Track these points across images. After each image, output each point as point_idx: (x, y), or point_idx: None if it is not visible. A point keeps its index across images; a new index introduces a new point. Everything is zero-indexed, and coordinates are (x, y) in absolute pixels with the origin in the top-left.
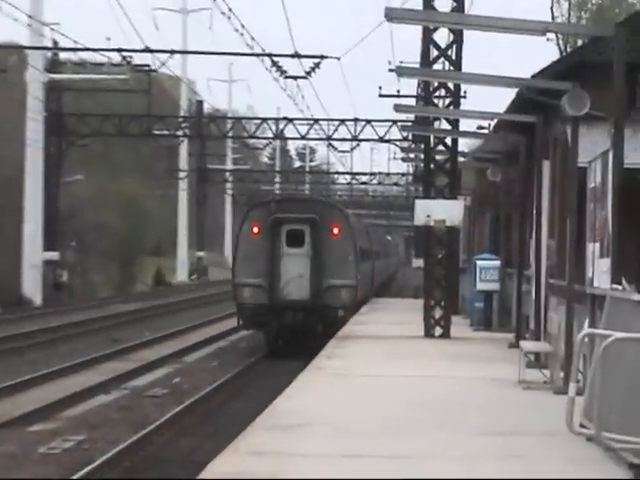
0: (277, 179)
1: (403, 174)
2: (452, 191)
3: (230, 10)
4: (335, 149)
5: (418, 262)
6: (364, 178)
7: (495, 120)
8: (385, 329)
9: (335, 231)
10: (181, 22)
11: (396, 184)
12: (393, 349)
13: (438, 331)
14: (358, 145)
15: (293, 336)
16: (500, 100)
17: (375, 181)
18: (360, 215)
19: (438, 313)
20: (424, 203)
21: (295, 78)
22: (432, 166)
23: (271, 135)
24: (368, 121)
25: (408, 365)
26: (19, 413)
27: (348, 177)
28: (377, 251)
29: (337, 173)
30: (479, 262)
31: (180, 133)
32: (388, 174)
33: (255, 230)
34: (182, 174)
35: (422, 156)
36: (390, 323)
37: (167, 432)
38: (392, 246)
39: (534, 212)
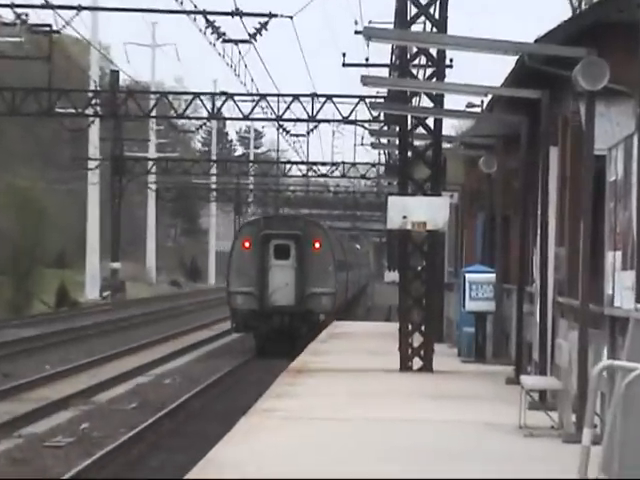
0: (213, 170)
1: (373, 164)
2: (435, 186)
3: None
4: (287, 132)
5: (391, 275)
6: (324, 169)
7: (489, 96)
8: (350, 360)
9: (317, 245)
10: None
11: (364, 177)
12: (360, 386)
13: (417, 363)
14: (316, 127)
15: (280, 337)
16: (495, 72)
17: (337, 173)
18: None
19: (417, 340)
20: (400, 201)
21: (236, 42)
22: (410, 154)
23: (206, 114)
24: (329, 97)
25: (379, 406)
26: None
27: (304, 168)
28: (350, 262)
29: (290, 163)
30: (469, 276)
31: (90, 112)
32: (354, 164)
33: (246, 245)
34: (92, 164)
35: (397, 141)
36: (357, 353)
37: None
38: (361, 256)
39: (538, 212)
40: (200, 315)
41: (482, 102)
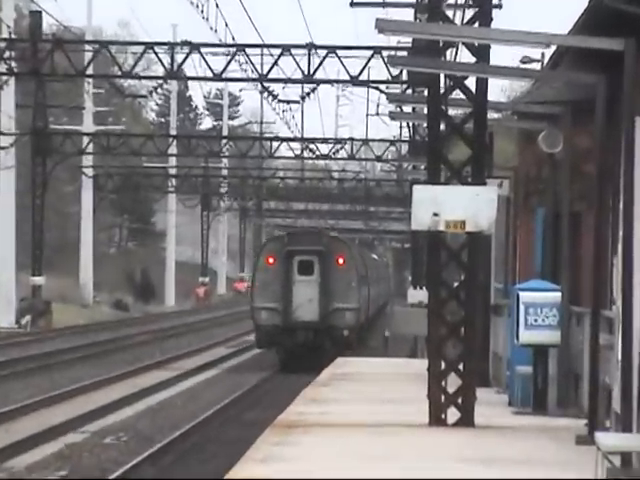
0: (173, 149)
1: (392, 142)
2: (478, 171)
3: None
4: (274, 97)
5: (417, 295)
6: (324, 148)
7: (553, 48)
8: (360, 412)
9: (340, 261)
10: None
11: (380, 159)
12: (373, 447)
13: (453, 415)
14: (314, 91)
15: (304, 353)
16: (562, 14)
17: (343, 153)
18: (319, 213)
19: (453, 384)
20: (429, 193)
21: None
22: (443, 127)
23: (162, 73)
24: (331, 49)
25: (402, 475)
26: None
27: (297, 146)
28: (370, 277)
29: (278, 140)
30: (525, 295)
31: (1, 68)
32: (366, 142)
33: (270, 260)
34: (5, 140)
35: (425, 110)
36: (369, 401)
37: None
38: (379, 269)
39: (620, 207)
40: (153, 348)
41: (543, 56)
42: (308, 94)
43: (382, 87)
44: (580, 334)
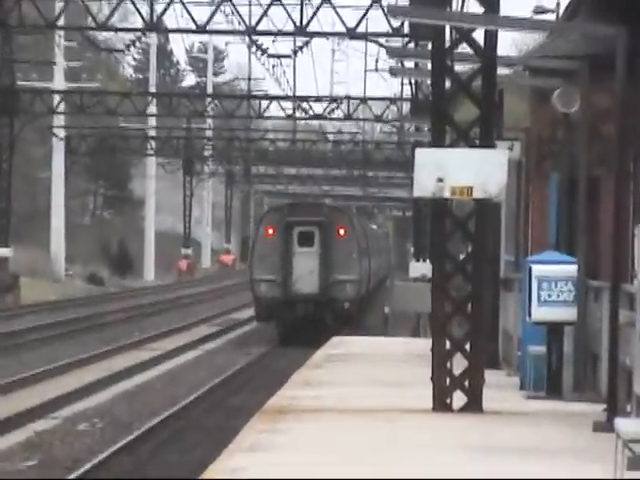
0: (152, 108)
1: (392, 100)
2: (486, 133)
3: None
4: (263, 52)
5: (420, 268)
6: (318, 108)
7: None
8: (357, 395)
9: (341, 232)
10: None
11: (379, 119)
12: (372, 435)
13: (460, 399)
14: (307, 45)
15: (304, 326)
16: None
17: (339, 113)
18: (313, 179)
19: (460, 366)
20: (433, 156)
21: None
22: (448, 85)
23: (140, 24)
24: None
25: (400, 465)
26: None
27: (288, 106)
28: (371, 248)
29: (267, 98)
30: (538, 268)
31: None
32: (364, 100)
33: (270, 232)
34: None
35: (429, 66)
36: (367, 383)
37: None
38: (379, 240)
39: None
40: (130, 327)
41: (558, 6)
42: (301, 48)
43: (382, 40)
44: (598, 311)
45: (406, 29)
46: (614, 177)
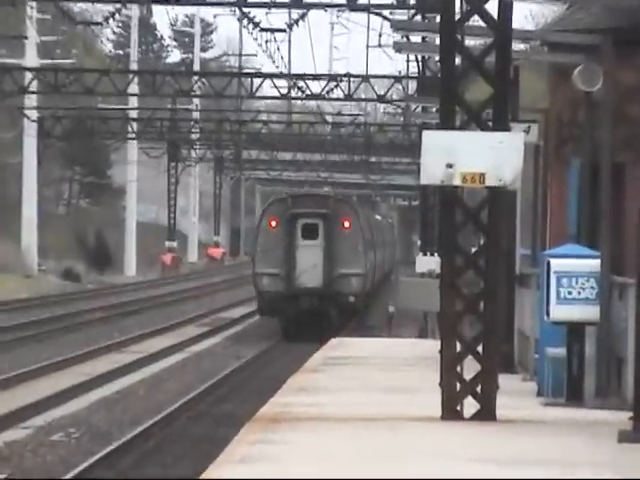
0: (134, 87)
1: (397, 78)
2: (500, 114)
3: None
4: (255, 25)
5: (427, 262)
6: (316, 87)
7: None
8: (358, 402)
9: (346, 224)
10: None
11: (383, 99)
12: (374, 446)
13: (471, 407)
14: (303, 17)
15: (308, 320)
16: None
17: (339, 93)
18: (310, 164)
19: (471, 370)
20: (442, 140)
21: None
22: (459, 61)
23: None
24: None
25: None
26: None
27: (283, 85)
28: (376, 241)
29: (260, 76)
30: (557, 263)
31: None
32: (366, 78)
33: (273, 224)
34: None
35: (438, 41)
36: (369, 389)
37: None
38: (384, 232)
39: None
40: (109, 327)
41: None
42: (296, 21)
43: (385, 13)
44: (623, 309)
45: (412, 0)
46: None
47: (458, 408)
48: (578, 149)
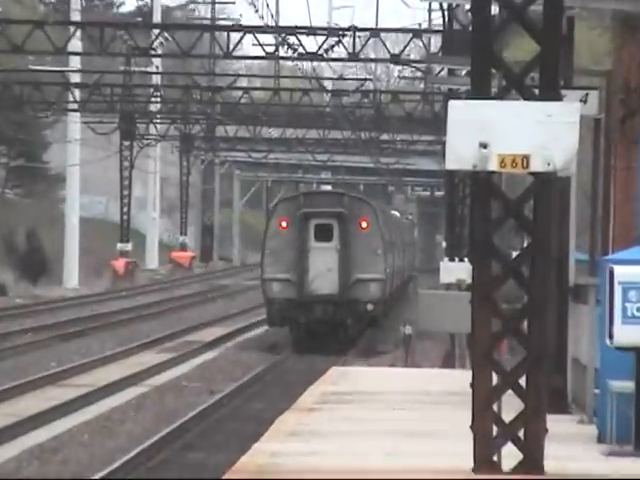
0: (76, 44)
1: (416, 32)
2: (550, 80)
3: None
4: None
5: (454, 270)
6: (311, 43)
7: None
8: (366, 451)
9: (363, 225)
10: None
11: (397, 59)
12: None
13: (511, 457)
14: None
15: (322, 330)
16: None
17: (341, 52)
18: (304, 143)
19: (511, 408)
20: (473, 112)
21: None
22: (495, 11)
23: None
24: None
25: None
26: None
27: (269, 41)
28: (395, 241)
29: (240, 30)
30: (622, 271)
31: None
32: (376, 32)
33: (283, 224)
34: None
35: None
36: (381, 434)
37: None
38: (403, 231)
39: None
40: (44, 355)
41: None
42: None
43: None
44: None
45: None
46: None
47: (495, 458)
48: None
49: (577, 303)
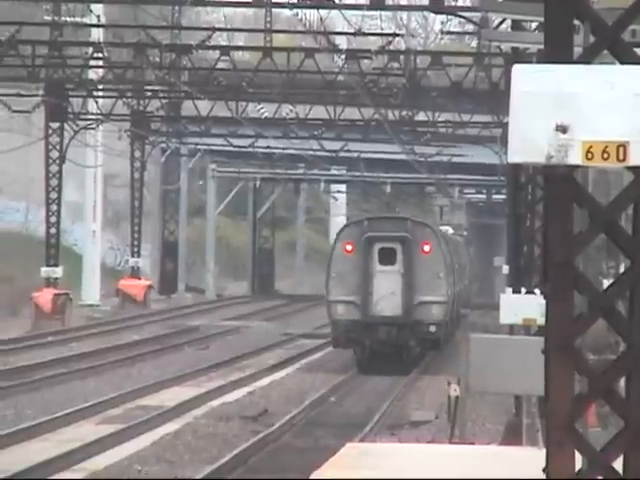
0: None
1: None
2: None
3: None
4: None
5: (520, 305)
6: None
7: None
8: None
9: (426, 248)
10: None
11: (437, 8)
12: None
13: None
14: None
15: (385, 351)
16: None
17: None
18: (306, 126)
19: None
20: (547, 82)
21: None
22: None
23: None
24: None
25: None
26: None
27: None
28: (454, 264)
29: None
30: None
31: None
32: None
33: (348, 248)
34: None
35: None
36: None
37: None
38: (459, 252)
39: None
40: None
41: None
42: None
43: None
44: None
45: None
46: None
47: None
48: None
49: None
